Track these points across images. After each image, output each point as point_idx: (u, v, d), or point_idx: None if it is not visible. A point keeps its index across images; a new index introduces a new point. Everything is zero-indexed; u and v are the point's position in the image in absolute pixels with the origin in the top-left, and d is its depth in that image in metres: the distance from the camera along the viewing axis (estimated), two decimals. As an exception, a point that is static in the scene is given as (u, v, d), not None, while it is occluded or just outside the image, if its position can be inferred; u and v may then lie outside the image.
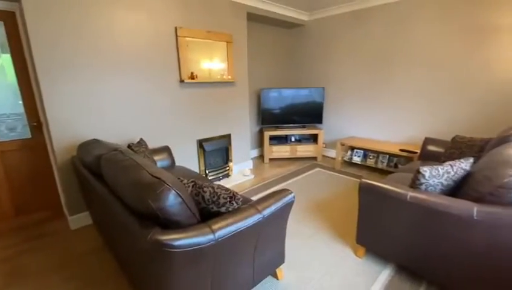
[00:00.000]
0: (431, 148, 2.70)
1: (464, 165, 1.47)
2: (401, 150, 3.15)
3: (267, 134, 4.09)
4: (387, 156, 3.52)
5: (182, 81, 2.86)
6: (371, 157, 3.70)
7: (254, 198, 2.24)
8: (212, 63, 3.12)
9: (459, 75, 2.97)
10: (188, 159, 3.11)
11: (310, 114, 4.26)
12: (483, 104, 2.84)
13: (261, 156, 4.50)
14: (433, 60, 3.13)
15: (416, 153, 2.99)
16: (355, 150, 3.88)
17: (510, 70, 2.63)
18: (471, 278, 1.37)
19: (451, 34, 2.94)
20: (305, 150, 4.22)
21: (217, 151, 3.37)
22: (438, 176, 1.44)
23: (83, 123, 2.29)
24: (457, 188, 1.50)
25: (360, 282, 1.68)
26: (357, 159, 3.85)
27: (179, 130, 2.98)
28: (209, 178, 3.22)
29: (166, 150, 2.71)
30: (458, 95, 3.00)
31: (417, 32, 3.19)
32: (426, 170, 1.45)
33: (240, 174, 3.58)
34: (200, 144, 3.12)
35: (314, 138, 4.28)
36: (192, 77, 2.92)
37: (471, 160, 1.50)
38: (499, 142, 1.84)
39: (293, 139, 4.35)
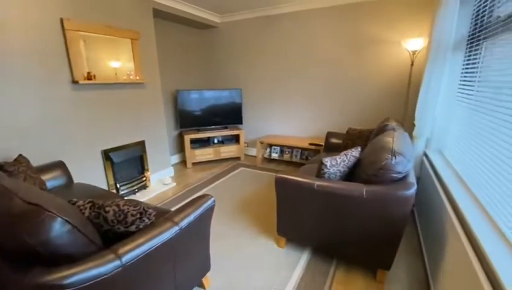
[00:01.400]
0: (332, 140, 3.13)
1: (354, 153, 1.75)
2: (310, 144, 3.55)
3: (188, 137, 3.93)
4: (300, 150, 3.90)
5: (75, 82, 2.42)
6: (286, 152, 4.03)
7: (177, 207, 2.09)
8: (118, 62, 2.76)
9: (347, 76, 3.54)
10: (92, 174, 2.67)
11: (230, 115, 4.31)
12: (366, 99, 3.48)
13: (183, 161, 4.29)
14: (327, 63, 3.63)
15: (321, 145, 3.42)
16: (273, 147, 4.15)
17: (378, 72, 3.30)
18: (368, 249, 1.63)
19: (340, 41, 3.48)
20: (228, 150, 4.25)
21: (128, 161, 3.01)
22: (336, 164, 1.67)
23: None
24: (352, 173, 1.78)
25: (283, 271, 1.79)
26: (275, 155, 4.12)
27: (77, 141, 2.51)
28: (122, 193, 2.85)
29: (59, 166, 2.24)
30: (348, 93, 3.58)
31: (315, 38, 3.64)
32: (327, 161, 1.66)
33: (160, 184, 3.31)
34: (106, 154, 2.72)
35: (236, 139, 4.35)
36: (89, 77, 2.51)
37: (359, 148, 1.80)
38: (378, 131, 2.27)
39: (215, 141, 4.31)
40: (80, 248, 0.96)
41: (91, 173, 2.66)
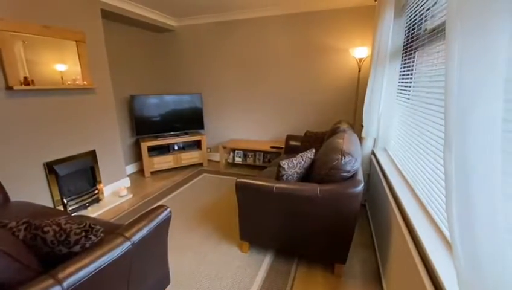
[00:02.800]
0: (292, 143, 3.25)
1: (309, 155, 1.84)
2: (271, 147, 3.63)
3: (145, 145, 3.73)
4: (262, 153, 3.97)
5: (9, 88, 2.15)
6: (249, 156, 4.07)
7: (129, 221, 1.97)
8: (64, 65, 2.54)
9: (303, 81, 3.71)
10: (33, 190, 2.39)
11: (191, 120, 4.21)
12: (321, 103, 3.68)
13: (140, 171, 4.06)
14: (284, 68, 3.77)
15: (282, 148, 3.52)
16: (236, 151, 4.15)
17: (330, 78, 3.53)
18: (325, 245, 1.72)
19: (295, 47, 3.64)
20: (190, 157, 4.14)
21: (77, 174, 2.75)
22: (293, 167, 1.73)
23: None
24: (308, 174, 1.86)
25: (246, 275, 1.80)
26: (238, 160, 4.13)
27: (13, 154, 2.23)
28: (70, 209, 2.60)
29: (-10, 183, 1.96)
30: (305, 97, 3.75)
31: (271, 44, 3.75)
32: (285, 163, 1.71)
33: (115, 196, 3.09)
34: (50, 167, 2.45)
35: (198, 144, 4.26)
36: (26, 82, 2.26)
37: (314, 150, 1.90)
38: (331, 133, 2.42)
39: (176, 147, 4.16)
40: (13, 275, 0.85)
41: (32, 189, 2.38)
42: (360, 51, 3.07)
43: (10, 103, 2.20)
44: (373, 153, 2.55)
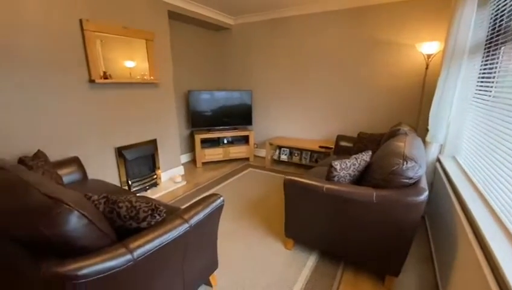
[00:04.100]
0: (343, 143, 3.10)
1: (365, 157, 1.73)
2: (320, 147, 3.52)
3: (199, 137, 3.98)
4: (309, 152, 3.88)
5: (92, 81, 2.50)
6: (296, 154, 4.02)
7: (187, 205, 2.13)
8: (133, 62, 2.85)
9: (357, 81, 3.50)
10: (105, 171, 2.75)
11: (240, 116, 4.34)
12: (377, 103, 3.43)
13: (193, 161, 4.35)
14: (338, 65, 3.60)
15: (331, 148, 3.39)
16: (282, 149, 4.15)
17: (390, 76, 3.25)
18: (376, 255, 1.61)
19: (352, 43, 3.45)
20: (237, 151, 4.28)
21: (141, 159, 3.08)
22: (346, 168, 1.66)
23: None
24: (362, 177, 1.76)
25: (290, 272, 1.79)
26: (284, 157, 4.12)
27: (92, 138, 2.60)
28: (133, 189, 2.92)
29: (75, 161, 2.32)
30: (359, 96, 3.54)
31: (327, 40, 3.62)
32: (337, 164, 1.65)
33: (171, 182, 3.37)
34: (120, 152, 2.79)
35: (245, 139, 4.38)
36: (105, 76, 2.59)
37: (370, 152, 1.78)
38: (389, 136, 2.24)
39: (225, 141, 4.35)
40: (94, 241, 0.99)
41: (104, 170, 2.74)
42: (429, 46, 2.76)
43: (92, 94, 2.56)
44: (438, 160, 2.29)
